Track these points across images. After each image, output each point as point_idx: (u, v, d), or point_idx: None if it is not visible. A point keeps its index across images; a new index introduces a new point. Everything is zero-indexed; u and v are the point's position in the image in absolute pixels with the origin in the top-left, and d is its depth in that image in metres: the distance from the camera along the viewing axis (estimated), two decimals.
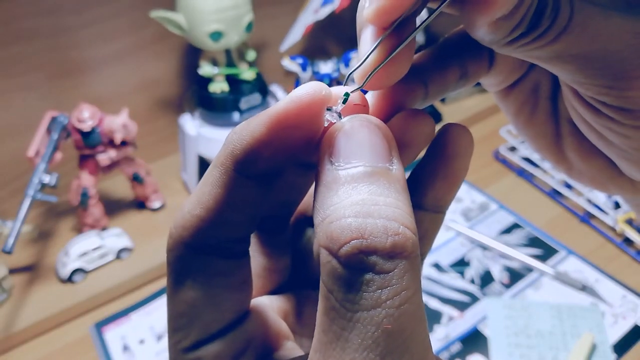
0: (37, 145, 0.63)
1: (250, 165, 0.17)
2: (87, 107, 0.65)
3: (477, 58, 0.22)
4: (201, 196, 0.17)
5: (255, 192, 0.17)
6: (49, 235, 0.72)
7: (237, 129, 0.17)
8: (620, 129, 0.19)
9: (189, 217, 0.17)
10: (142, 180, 0.73)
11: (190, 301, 0.18)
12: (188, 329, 0.18)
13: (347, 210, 0.14)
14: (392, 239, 0.14)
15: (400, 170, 0.16)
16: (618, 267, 0.65)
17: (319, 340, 0.15)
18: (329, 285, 0.14)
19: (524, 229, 0.71)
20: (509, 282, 0.64)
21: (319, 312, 0.15)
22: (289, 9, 0.79)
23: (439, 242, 0.70)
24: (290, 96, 0.16)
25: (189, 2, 0.66)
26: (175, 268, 0.18)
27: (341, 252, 0.14)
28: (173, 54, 0.79)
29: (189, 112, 0.76)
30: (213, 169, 0.17)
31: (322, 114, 0.17)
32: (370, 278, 0.14)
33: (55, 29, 0.68)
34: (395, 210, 0.14)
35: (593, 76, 0.17)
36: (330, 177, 0.15)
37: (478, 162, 0.84)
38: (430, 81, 0.21)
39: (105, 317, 0.63)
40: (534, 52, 0.17)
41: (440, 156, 0.20)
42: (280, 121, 0.16)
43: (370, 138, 0.16)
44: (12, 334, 0.60)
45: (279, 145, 0.16)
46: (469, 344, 0.58)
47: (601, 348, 0.56)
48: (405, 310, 0.14)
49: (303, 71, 0.79)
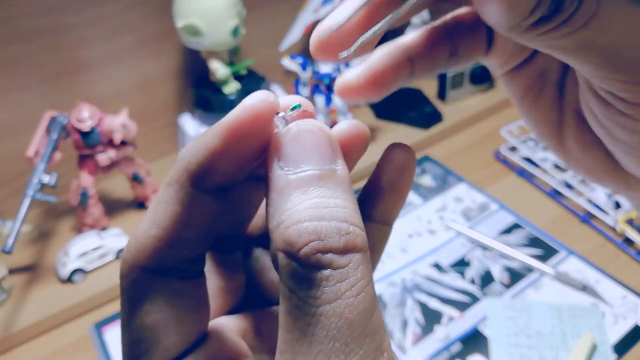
0: (37, 145, 0.63)
1: (206, 179, 0.17)
2: (86, 107, 0.65)
3: (470, 37, 0.22)
4: (156, 216, 0.17)
5: (212, 208, 0.18)
6: (49, 235, 0.72)
7: (188, 146, 0.17)
8: (632, 124, 0.18)
9: (144, 238, 0.17)
10: (142, 180, 0.72)
11: (148, 326, 0.17)
12: (147, 355, 0.17)
13: (302, 215, 0.15)
14: (344, 238, 0.15)
15: (345, 169, 0.17)
16: (618, 267, 0.65)
17: (284, 341, 0.15)
18: (290, 285, 0.15)
19: (524, 229, 0.71)
20: (510, 282, 0.64)
21: (282, 313, 0.15)
22: (288, 8, 0.79)
23: (439, 242, 0.70)
24: (241, 106, 0.17)
25: (205, 3, 0.67)
26: (131, 293, 0.18)
27: (301, 254, 0.15)
28: (172, 54, 0.79)
29: (188, 111, 0.76)
30: (167, 188, 0.17)
31: (273, 120, 0.17)
32: (329, 274, 0.15)
33: (55, 28, 0.68)
34: (344, 211, 0.16)
35: (618, 71, 0.17)
36: (281, 183, 0.16)
37: (478, 162, 0.83)
38: (416, 58, 0.21)
39: (105, 317, 0.63)
40: (558, 42, 0.16)
41: (386, 173, 0.21)
42: (233, 130, 0.17)
43: (315, 141, 0.17)
44: (11, 334, 0.60)
45: (233, 156, 0.17)
46: (469, 344, 0.58)
47: (601, 348, 0.56)
48: (362, 299, 0.15)
49: (303, 70, 0.79)
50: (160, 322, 0.17)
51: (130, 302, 0.18)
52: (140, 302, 0.17)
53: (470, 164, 0.83)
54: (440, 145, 0.88)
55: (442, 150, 0.86)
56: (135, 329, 0.17)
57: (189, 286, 0.18)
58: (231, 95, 0.73)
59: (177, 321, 0.18)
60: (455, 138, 0.89)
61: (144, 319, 0.17)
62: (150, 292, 0.17)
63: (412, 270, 0.66)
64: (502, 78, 0.24)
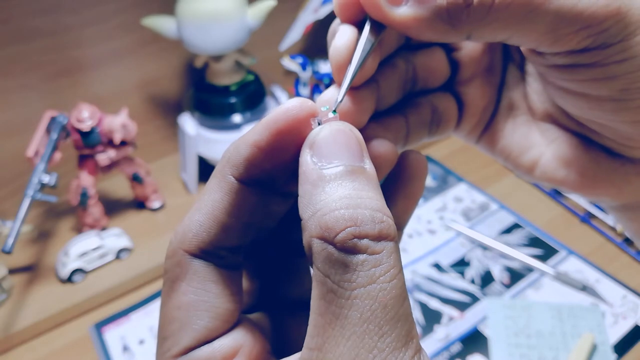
0: (37, 145, 0.63)
1: (247, 171, 0.19)
2: (86, 107, 0.65)
3: (445, 101, 0.25)
4: (201, 203, 0.19)
5: (252, 199, 0.19)
6: (49, 235, 0.72)
7: (234, 142, 0.19)
8: (588, 73, 0.20)
9: (189, 222, 0.19)
10: (142, 180, 0.72)
11: (183, 306, 0.18)
12: (179, 335, 0.18)
13: (338, 203, 0.16)
14: (379, 226, 0.16)
15: (373, 169, 0.18)
16: (618, 267, 0.65)
17: (315, 325, 0.16)
18: (325, 270, 0.16)
19: (525, 229, 0.71)
20: (510, 282, 0.64)
21: (314, 298, 0.16)
22: (288, 8, 0.79)
23: (439, 242, 0.70)
24: (283, 107, 0.18)
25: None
26: (172, 274, 0.19)
27: (337, 239, 0.15)
28: (172, 54, 0.78)
29: (188, 112, 0.76)
30: (212, 179, 0.19)
31: (309, 124, 0.19)
32: (364, 259, 0.15)
33: (55, 28, 0.68)
34: (377, 202, 0.16)
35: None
36: (315, 175, 0.17)
37: (478, 163, 0.83)
38: (409, 117, 0.24)
39: (105, 317, 0.63)
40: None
41: (400, 179, 0.23)
42: (274, 128, 0.18)
43: (346, 140, 0.18)
44: (11, 334, 0.60)
45: (272, 152, 0.18)
46: (469, 344, 0.58)
47: (601, 348, 0.56)
48: (395, 285, 0.15)
49: (303, 70, 0.79)
50: (194, 304, 0.18)
51: (170, 282, 0.19)
52: (179, 283, 0.19)
53: (470, 164, 0.83)
54: (440, 145, 0.88)
55: (442, 150, 0.87)
56: (170, 309, 0.19)
57: (225, 275, 0.19)
58: (231, 99, 0.73)
59: (210, 305, 0.19)
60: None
61: (180, 299, 0.19)
62: (189, 274, 0.19)
63: (412, 270, 0.66)
64: (480, 143, 0.27)
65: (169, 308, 0.19)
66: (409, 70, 0.24)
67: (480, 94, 0.25)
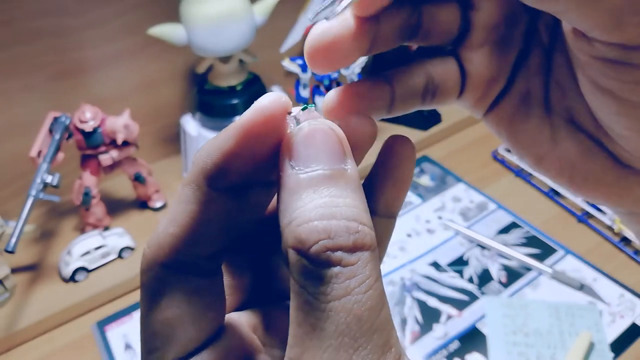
0: (40, 146, 0.64)
1: (221, 178, 0.17)
2: (89, 108, 0.66)
3: (444, 68, 0.23)
4: (174, 215, 0.18)
5: (227, 207, 0.18)
6: (52, 234, 0.73)
7: (204, 147, 0.18)
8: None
9: (164, 236, 0.18)
10: (144, 180, 0.73)
11: (166, 321, 0.18)
12: (164, 349, 0.18)
13: (312, 213, 0.15)
14: (353, 237, 0.15)
15: (354, 169, 0.17)
16: (616, 266, 0.66)
17: (294, 335, 0.16)
18: (301, 282, 0.15)
19: (522, 229, 0.72)
20: (507, 281, 0.65)
21: (292, 308, 0.16)
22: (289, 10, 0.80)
23: (437, 242, 0.70)
24: (254, 107, 0.17)
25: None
26: (150, 289, 0.18)
27: (311, 252, 0.15)
28: (175, 55, 0.79)
29: (190, 112, 0.77)
30: (184, 188, 0.18)
31: (285, 120, 0.18)
32: (338, 271, 0.15)
33: (57, 29, 0.69)
34: (353, 210, 0.16)
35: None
36: (292, 182, 0.16)
37: (476, 162, 0.84)
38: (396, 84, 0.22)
39: (107, 316, 0.63)
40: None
41: (387, 165, 0.22)
42: (246, 131, 0.17)
43: (325, 140, 0.17)
44: (14, 332, 0.60)
45: (247, 156, 0.17)
46: (468, 342, 0.58)
47: (599, 347, 0.56)
48: (370, 295, 0.15)
49: (303, 72, 0.80)
50: (177, 318, 0.18)
51: (149, 297, 0.18)
52: (159, 298, 0.18)
53: (469, 164, 0.84)
54: (438, 145, 0.89)
55: (440, 151, 0.87)
56: (153, 323, 0.18)
57: (206, 283, 0.19)
58: (233, 100, 0.74)
59: (194, 317, 0.18)
60: (454, 138, 0.90)
61: (161, 314, 0.18)
62: (168, 288, 0.18)
63: (411, 269, 0.67)
64: (486, 118, 0.25)
65: (151, 322, 0.18)
66: (413, 16, 0.22)
67: (486, 64, 0.23)
